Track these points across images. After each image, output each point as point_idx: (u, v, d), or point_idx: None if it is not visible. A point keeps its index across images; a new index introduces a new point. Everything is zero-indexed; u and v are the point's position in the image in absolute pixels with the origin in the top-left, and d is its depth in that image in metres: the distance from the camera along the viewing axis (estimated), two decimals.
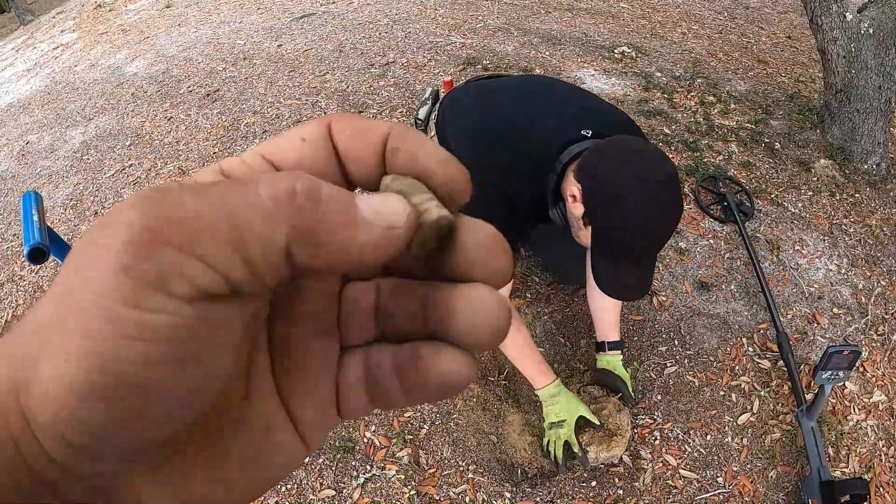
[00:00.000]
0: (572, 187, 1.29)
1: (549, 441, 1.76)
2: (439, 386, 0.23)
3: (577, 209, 1.30)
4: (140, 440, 0.18)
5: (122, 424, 0.17)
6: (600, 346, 1.91)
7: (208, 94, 3.74)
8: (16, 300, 2.58)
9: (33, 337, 0.18)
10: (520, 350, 1.75)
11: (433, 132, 1.77)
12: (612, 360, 1.89)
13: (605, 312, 1.89)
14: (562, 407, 1.73)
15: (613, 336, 1.90)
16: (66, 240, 2.76)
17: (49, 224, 2.86)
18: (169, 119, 3.57)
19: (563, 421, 1.72)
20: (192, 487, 0.21)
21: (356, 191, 0.21)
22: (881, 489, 1.81)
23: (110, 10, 5.92)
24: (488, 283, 0.22)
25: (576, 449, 1.72)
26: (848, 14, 2.80)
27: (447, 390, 0.23)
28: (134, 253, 0.16)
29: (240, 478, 0.22)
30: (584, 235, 1.33)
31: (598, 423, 1.74)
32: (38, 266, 2.70)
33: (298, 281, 0.24)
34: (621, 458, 1.82)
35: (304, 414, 0.24)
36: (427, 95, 1.99)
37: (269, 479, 0.24)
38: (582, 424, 1.75)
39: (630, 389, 1.87)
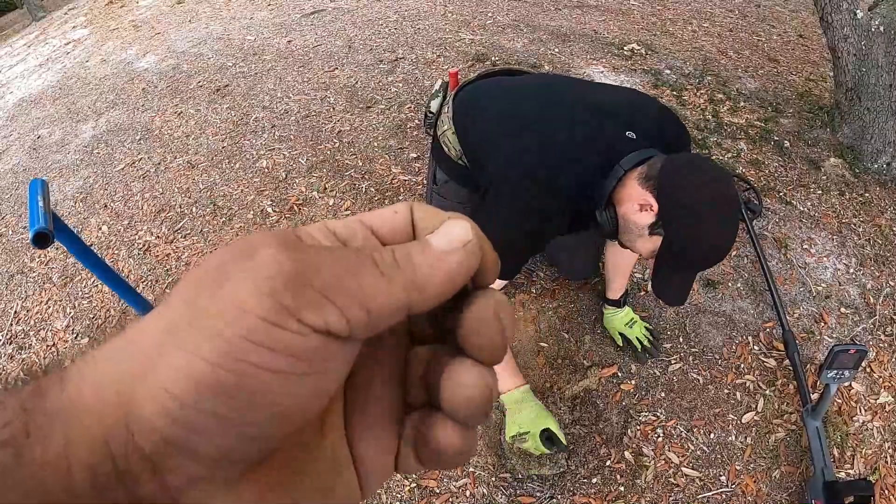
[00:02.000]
0: (644, 197, 1.32)
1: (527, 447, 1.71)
2: (437, 457, 0.26)
3: (644, 218, 1.34)
4: (237, 444, 0.20)
5: (227, 423, 0.19)
6: (605, 300, 2.11)
7: (218, 90, 3.76)
8: (25, 291, 2.61)
9: (155, 336, 0.20)
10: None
11: (445, 125, 1.75)
12: (610, 318, 2.09)
13: (613, 272, 2.03)
14: (525, 417, 1.69)
15: (612, 295, 2.07)
16: (76, 232, 2.79)
17: (60, 218, 2.90)
18: (179, 114, 3.59)
19: (526, 433, 1.68)
20: None
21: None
22: (886, 491, 1.79)
23: (122, 6, 5.95)
24: (479, 358, 0.25)
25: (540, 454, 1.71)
26: (858, 12, 2.77)
27: (449, 461, 0.26)
28: (282, 284, 0.20)
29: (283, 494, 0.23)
30: (643, 243, 1.37)
31: (563, 441, 1.67)
32: (48, 258, 2.73)
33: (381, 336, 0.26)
34: (624, 454, 1.82)
35: (367, 459, 0.26)
36: (437, 88, 1.99)
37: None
38: (545, 438, 1.67)
39: (641, 347, 2.04)
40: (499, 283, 1.51)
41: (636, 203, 1.34)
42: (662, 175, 1.30)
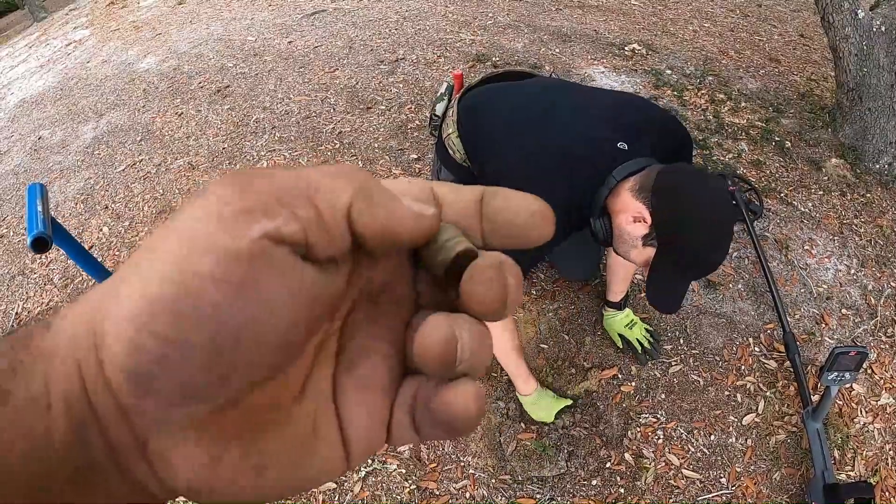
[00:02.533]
0: (637, 209, 1.34)
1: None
2: (449, 422, 0.24)
3: (637, 229, 1.36)
4: (197, 377, 0.19)
5: (183, 349, 0.18)
6: (605, 303, 2.13)
7: (219, 91, 3.76)
8: (26, 292, 2.61)
9: (120, 273, 0.20)
10: (508, 356, 1.80)
11: (450, 129, 1.77)
12: (610, 320, 2.09)
13: (613, 276, 2.03)
14: (541, 411, 1.88)
15: (612, 298, 2.08)
16: (75, 234, 2.79)
17: (60, 218, 2.90)
18: (179, 115, 3.59)
19: (543, 421, 1.90)
20: (223, 460, 0.21)
21: None
22: (887, 493, 1.79)
23: (123, 7, 5.96)
24: (482, 315, 0.24)
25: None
26: (860, 12, 2.77)
27: (461, 425, 0.24)
28: (228, 197, 0.19)
29: (272, 470, 0.23)
30: (637, 253, 1.39)
31: (570, 402, 1.92)
32: (49, 260, 2.73)
33: (377, 299, 0.26)
34: (624, 456, 1.82)
35: (354, 425, 0.25)
36: (443, 90, 1.98)
37: (303, 482, 0.24)
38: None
39: (641, 349, 2.05)
40: None
41: (630, 214, 1.36)
42: (656, 186, 1.32)
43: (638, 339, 2.05)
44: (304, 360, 0.24)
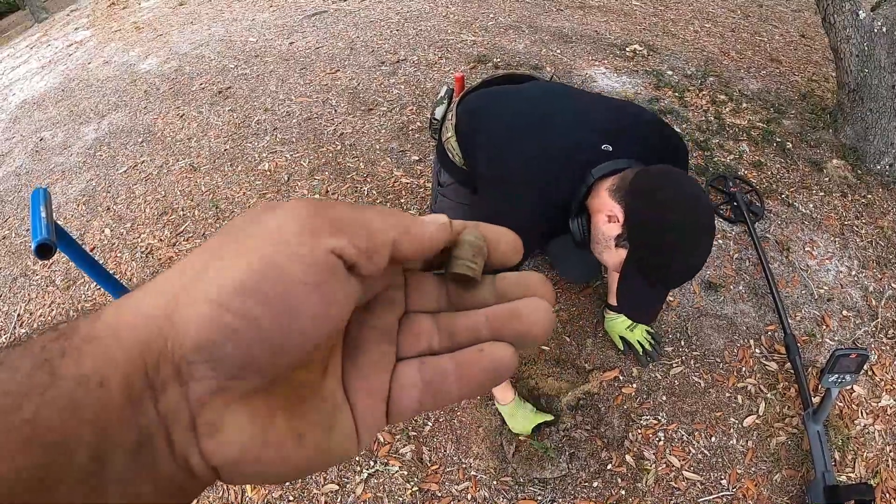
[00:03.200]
0: (611, 208, 1.31)
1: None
2: (492, 368, 0.30)
3: (611, 229, 1.33)
4: (260, 352, 0.23)
5: (257, 326, 0.22)
6: (606, 305, 2.14)
7: (220, 92, 3.77)
8: (28, 294, 2.62)
9: (199, 261, 0.24)
10: None
11: (449, 132, 1.76)
12: (611, 323, 2.09)
13: (616, 279, 1.99)
14: (517, 423, 1.86)
15: (613, 301, 2.06)
16: (77, 235, 2.80)
17: (62, 219, 2.90)
18: (181, 116, 3.60)
19: (521, 434, 1.88)
20: (271, 429, 0.25)
21: None
22: (888, 495, 1.79)
23: (124, 8, 5.97)
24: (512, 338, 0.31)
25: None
26: (861, 12, 2.77)
27: (498, 372, 0.30)
28: (307, 215, 0.24)
29: (309, 438, 0.27)
30: (610, 255, 1.36)
31: (550, 418, 1.89)
32: (51, 261, 2.74)
33: (371, 304, 0.31)
34: (625, 458, 1.82)
35: (360, 406, 0.29)
36: (443, 94, 1.98)
37: (328, 457, 0.28)
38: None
39: (642, 351, 2.05)
40: None
41: (605, 214, 1.33)
42: (631, 186, 1.29)
43: (639, 341, 2.05)
44: None
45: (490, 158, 1.55)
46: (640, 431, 1.89)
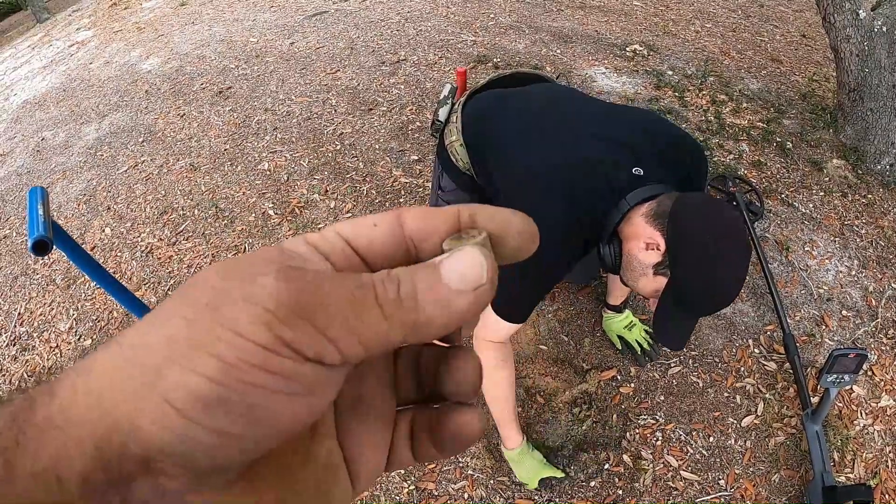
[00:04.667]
0: (651, 235, 1.28)
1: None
2: (456, 441, 0.28)
3: (649, 257, 1.29)
4: (233, 454, 0.21)
5: (225, 436, 0.20)
6: (605, 305, 2.12)
7: (221, 92, 3.77)
8: (29, 293, 2.62)
9: (155, 351, 0.21)
10: (494, 403, 1.70)
11: (454, 136, 1.71)
12: (609, 322, 2.09)
13: (615, 282, 2.02)
14: (524, 472, 1.78)
15: (612, 301, 2.07)
16: (77, 235, 2.81)
17: (62, 219, 2.91)
18: (182, 116, 3.60)
19: (525, 485, 1.79)
20: None
21: (437, 261, 0.24)
22: (887, 496, 1.79)
23: (125, 8, 5.98)
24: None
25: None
26: (861, 12, 2.76)
27: (465, 442, 0.28)
28: (280, 317, 0.20)
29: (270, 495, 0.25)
30: (647, 282, 1.33)
31: (560, 475, 1.77)
32: (51, 261, 2.75)
33: None
34: (622, 458, 1.82)
35: (360, 459, 0.28)
36: (446, 93, 1.91)
37: None
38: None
39: (641, 350, 2.05)
40: (509, 328, 1.46)
41: (642, 241, 1.29)
42: (673, 214, 1.26)
43: (637, 341, 2.05)
44: None
45: (505, 172, 1.50)
46: (637, 431, 1.89)
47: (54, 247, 1.19)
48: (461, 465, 1.81)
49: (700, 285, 1.25)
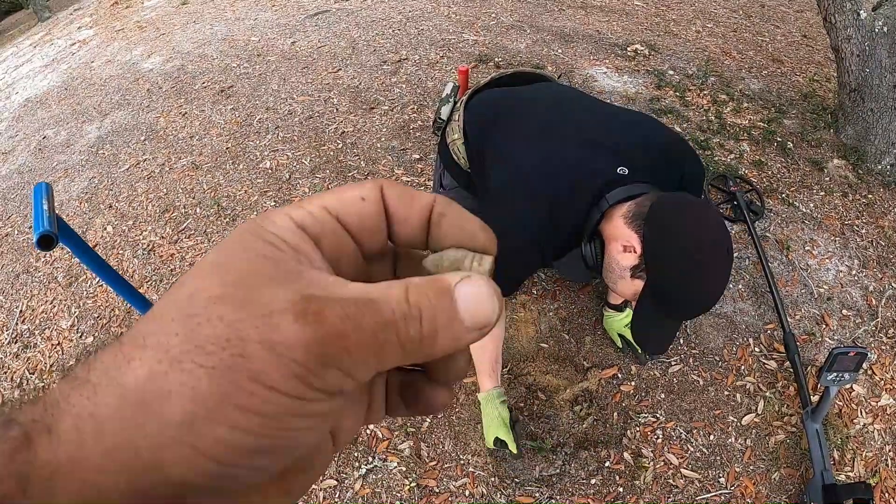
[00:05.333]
0: (628, 237, 1.27)
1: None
2: (426, 409, 0.30)
3: (627, 259, 1.29)
4: (263, 477, 0.23)
5: (259, 470, 0.22)
6: (606, 303, 2.13)
7: (222, 91, 3.78)
8: (31, 290, 2.63)
9: (178, 406, 0.20)
10: (480, 357, 1.72)
11: (456, 134, 1.70)
12: (610, 320, 2.09)
13: None
14: (485, 421, 1.78)
15: (613, 300, 2.08)
16: (79, 233, 2.81)
17: (64, 217, 2.91)
18: (183, 114, 3.61)
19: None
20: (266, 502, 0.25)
21: (453, 285, 0.24)
22: (887, 494, 1.79)
23: (127, 7, 5.98)
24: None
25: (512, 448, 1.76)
26: (862, 12, 2.76)
27: (433, 411, 0.30)
28: (309, 369, 0.21)
29: (296, 486, 0.27)
30: (625, 285, 1.33)
31: (514, 450, 1.74)
32: (53, 258, 2.75)
33: None
34: (623, 455, 1.83)
35: (342, 421, 0.29)
36: (448, 91, 1.91)
37: (311, 483, 0.28)
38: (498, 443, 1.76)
39: (639, 347, 2.02)
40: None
41: (621, 243, 1.29)
42: (650, 215, 1.25)
43: None
44: None
45: (499, 168, 1.50)
46: (638, 429, 1.89)
47: (59, 242, 1.20)
48: (462, 462, 1.82)
49: (678, 288, 1.24)
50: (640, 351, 2.04)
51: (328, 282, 0.23)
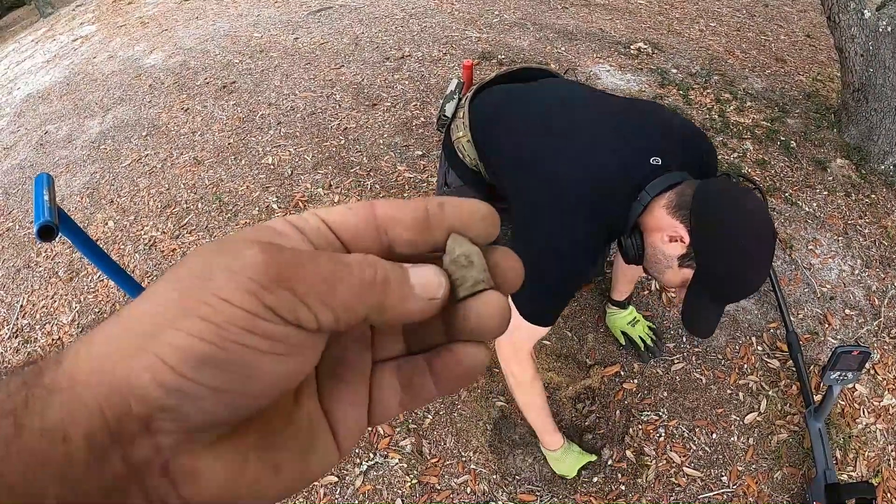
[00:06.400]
0: (674, 227, 1.27)
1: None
2: (465, 370, 0.29)
3: (674, 249, 1.28)
4: (223, 411, 0.23)
5: (216, 392, 0.22)
6: (609, 300, 2.12)
7: (224, 86, 3.77)
8: (31, 285, 2.63)
9: (149, 319, 0.23)
10: (538, 412, 1.71)
11: (461, 132, 1.68)
12: (613, 318, 2.10)
13: (621, 276, 2.01)
14: (565, 467, 1.79)
15: (616, 297, 2.08)
16: (82, 227, 2.81)
17: (66, 212, 2.91)
18: (185, 110, 3.60)
19: (565, 476, 1.82)
20: (245, 468, 0.25)
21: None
22: (889, 494, 1.79)
23: (129, 3, 5.98)
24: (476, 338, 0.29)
25: None
26: (866, 12, 2.76)
27: (472, 373, 0.29)
28: (262, 285, 0.23)
29: (286, 467, 0.27)
30: (673, 274, 1.32)
31: (594, 458, 1.81)
32: (54, 253, 2.75)
33: None
34: (625, 453, 1.82)
35: (342, 419, 0.29)
36: (452, 89, 1.87)
37: (308, 476, 0.28)
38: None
39: (644, 347, 2.05)
40: (539, 332, 1.46)
41: (666, 234, 1.28)
42: (695, 204, 1.24)
43: (640, 337, 2.05)
44: None
45: (529, 177, 1.46)
46: (640, 427, 1.89)
47: (59, 233, 1.20)
48: (464, 459, 1.81)
49: (730, 273, 1.25)
50: (642, 349, 2.04)
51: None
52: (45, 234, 1.13)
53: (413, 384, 0.30)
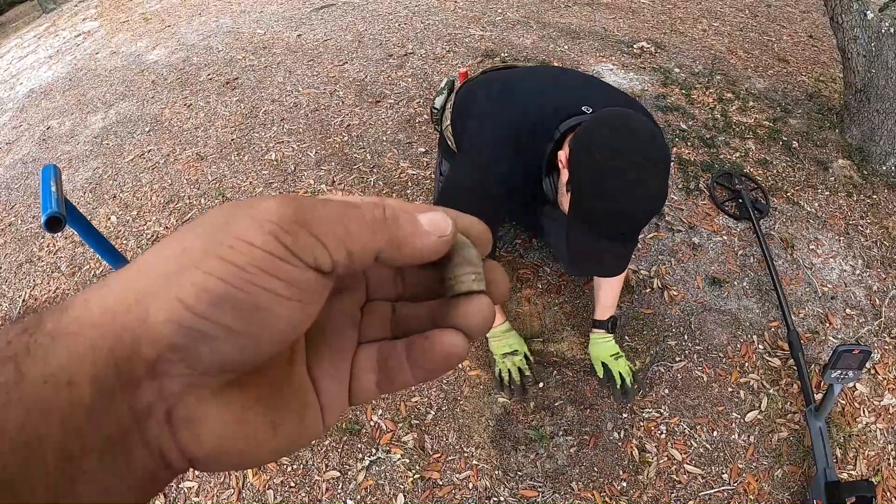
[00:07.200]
0: (562, 153, 1.28)
1: (501, 369, 1.93)
2: (443, 356, 0.29)
3: (564, 175, 1.28)
4: (234, 353, 0.23)
5: (230, 332, 0.23)
6: (593, 322, 2.00)
7: (227, 83, 3.78)
8: (33, 280, 2.63)
9: (170, 260, 0.23)
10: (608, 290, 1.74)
11: (447, 122, 1.78)
12: (595, 347, 1.96)
13: (600, 291, 1.95)
14: (514, 339, 1.93)
15: (600, 315, 1.96)
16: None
17: (73, 203, 2.92)
18: (188, 106, 3.61)
19: (516, 351, 1.93)
20: (246, 420, 0.26)
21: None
22: (889, 493, 1.80)
23: None
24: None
25: (527, 373, 1.93)
26: (869, 13, 2.76)
27: (450, 360, 0.29)
28: (283, 227, 0.23)
29: (283, 427, 0.27)
30: (564, 202, 1.30)
31: (528, 374, 1.93)
32: (56, 248, 2.75)
33: (338, 287, 0.31)
34: (627, 450, 1.83)
35: (326, 389, 0.30)
36: (443, 85, 2.00)
37: (299, 441, 0.29)
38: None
39: (621, 384, 1.90)
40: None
41: (559, 160, 1.28)
42: (581, 128, 1.23)
43: (621, 373, 1.92)
44: None
45: (471, 129, 1.55)
46: (642, 424, 1.89)
47: (66, 224, 1.20)
48: (466, 454, 1.82)
49: (593, 199, 1.20)
50: (618, 386, 1.91)
51: None
52: (53, 225, 1.13)
53: (389, 366, 0.31)
